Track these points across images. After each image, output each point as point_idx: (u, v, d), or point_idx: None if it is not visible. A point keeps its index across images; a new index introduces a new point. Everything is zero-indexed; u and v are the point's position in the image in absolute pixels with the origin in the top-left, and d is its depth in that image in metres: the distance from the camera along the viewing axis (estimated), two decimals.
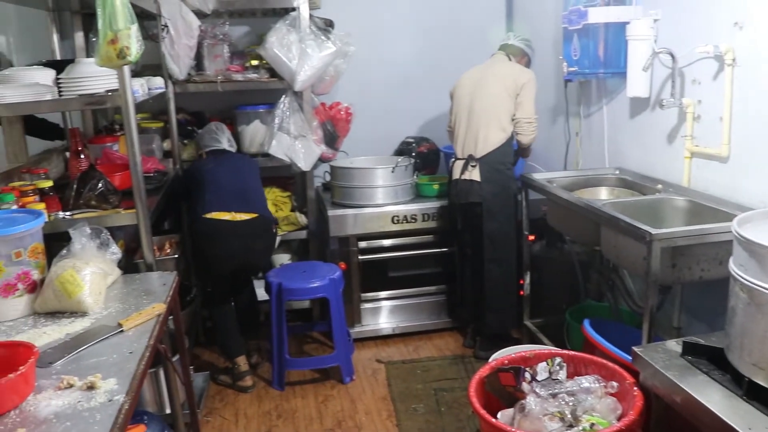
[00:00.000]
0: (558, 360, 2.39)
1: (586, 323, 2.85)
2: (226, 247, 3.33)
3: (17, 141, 3.05)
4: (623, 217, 2.53)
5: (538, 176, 3.45)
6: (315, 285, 3.48)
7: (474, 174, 3.58)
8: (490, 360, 2.59)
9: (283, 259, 4.36)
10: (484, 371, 2.40)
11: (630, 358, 2.21)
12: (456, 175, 3.67)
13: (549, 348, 2.85)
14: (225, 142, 3.67)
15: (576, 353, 2.47)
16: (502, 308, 3.70)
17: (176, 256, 3.29)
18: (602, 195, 3.34)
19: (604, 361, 2.39)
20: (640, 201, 2.98)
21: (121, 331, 2.03)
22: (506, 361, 2.46)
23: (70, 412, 1.59)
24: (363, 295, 4.03)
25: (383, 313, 4.09)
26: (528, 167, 4.22)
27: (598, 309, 3.46)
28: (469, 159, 3.59)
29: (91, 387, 1.69)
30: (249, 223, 3.37)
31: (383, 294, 4.09)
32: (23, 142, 3.09)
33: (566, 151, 3.94)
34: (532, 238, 3.67)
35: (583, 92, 3.78)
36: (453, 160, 3.75)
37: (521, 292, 3.74)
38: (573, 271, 3.58)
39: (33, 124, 3.21)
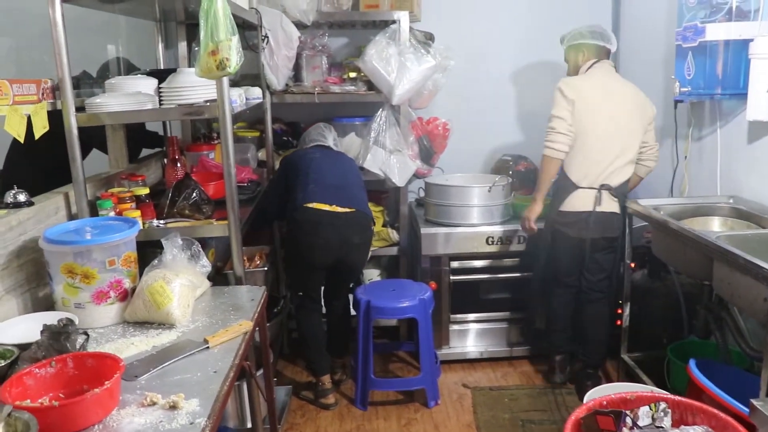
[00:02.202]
0: (662, 405, 2.20)
1: (692, 364, 2.63)
2: (322, 238, 3.27)
3: (119, 147, 3.13)
4: (741, 253, 2.31)
5: (644, 202, 3.24)
6: (404, 305, 3.39)
7: (614, 206, 3.33)
8: (585, 399, 2.42)
9: (372, 275, 4.30)
10: (580, 412, 2.24)
11: (745, 408, 2.01)
12: (588, 206, 3.34)
13: (652, 390, 2.64)
14: (330, 140, 3.64)
15: (683, 399, 2.27)
16: (604, 340, 3.53)
17: (266, 268, 3.27)
18: (714, 226, 3.10)
19: (716, 411, 2.18)
20: (760, 235, 2.73)
21: (207, 347, 2.00)
22: (605, 402, 2.29)
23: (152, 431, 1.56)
24: (452, 316, 3.91)
25: (472, 336, 3.96)
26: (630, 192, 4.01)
27: (702, 347, 3.21)
28: (606, 189, 3.32)
29: (173, 406, 1.65)
30: (347, 215, 3.31)
31: (473, 316, 3.96)
32: (124, 148, 3.16)
33: (673, 176, 3.70)
34: (633, 265, 3.46)
35: (695, 114, 3.53)
36: (574, 188, 3.37)
37: (618, 322, 3.53)
38: (677, 305, 3.34)
39: (131, 134, 3.27)
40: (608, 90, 3.36)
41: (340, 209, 3.30)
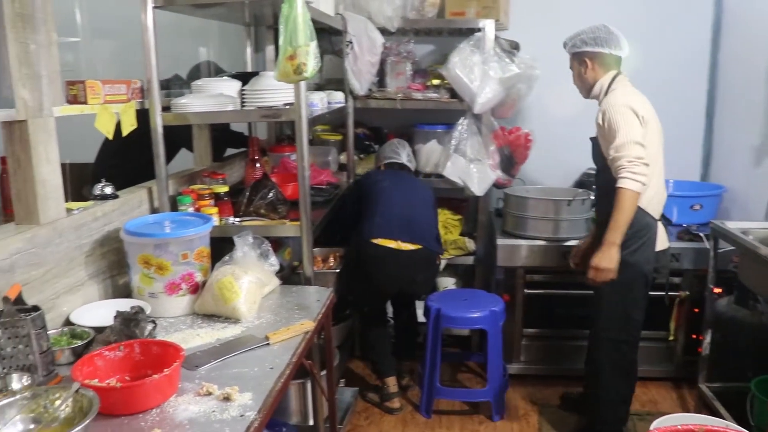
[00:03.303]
0: None
1: None
2: (386, 276, 3.33)
3: (204, 146, 3.26)
4: None
5: (731, 225, 3.09)
6: (474, 315, 3.37)
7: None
8: (652, 427, 2.33)
9: (447, 283, 4.29)
10: None
11: None
12: (666, 242, 3.03)
13: (727, 426, 2.49)
14: (404, 156, 3.68)
15: None
16: None
17: (338, 270, 3.32)
18: None
19: None
20: None
21: (267, 344, 2.06)
22: None
23: (203, 420, 1.62)
24: (525, 330, 3.84)
25: (544, 352, 3.87)
26: (722, 213, 3.83)
27: None
28: (664, 219, 3.08)
29: (227, 398, 1.71)
30: (413, 254, 3.32)
31: (546, 332, 3.87)
32: (209, 146, 3.29)
33: None
34: (718, 290, 3.30)
35: None
36: (656, 223, 2.96)
37: (699, 350, 3.38)
38: (764, 336, 3.17)
39: (217, 133, 3.41)
40: (651, 105, 2.99)
41: (404, 246, 3.31)
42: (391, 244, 3.30)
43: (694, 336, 3.60)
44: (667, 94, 3.61)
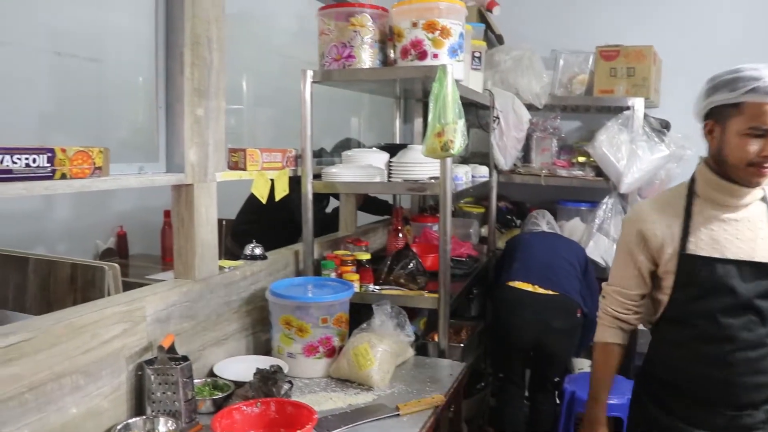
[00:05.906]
0: None
1: None
2: (520, 317, 3.19)
3: (350, 213, 3.38)
4: None
5: None
6: (610, 402, 3.17)
7: None
8: None
9: (583, 364, 4.12)
10: None
11: None
12: None
13: None
14: (544, 225, 3.66)
15: None
16: None
17: (469, 343, 3.28)
18: None
19: None
20: None
21: (397, 414, 2.06)
22: None
23: None
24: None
25: None
26: None
27: None
28: None
29: None
30: (549, 298, 3.20)
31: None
32: (354, 214, 3.41)
33: None
34: None
35: None
36: None
37: None
38: None
39: (367, 200, 3.53)
40: None
41: (542, 290, 3.22)
42: (527, 287, 3.23)
43: None
44: None
